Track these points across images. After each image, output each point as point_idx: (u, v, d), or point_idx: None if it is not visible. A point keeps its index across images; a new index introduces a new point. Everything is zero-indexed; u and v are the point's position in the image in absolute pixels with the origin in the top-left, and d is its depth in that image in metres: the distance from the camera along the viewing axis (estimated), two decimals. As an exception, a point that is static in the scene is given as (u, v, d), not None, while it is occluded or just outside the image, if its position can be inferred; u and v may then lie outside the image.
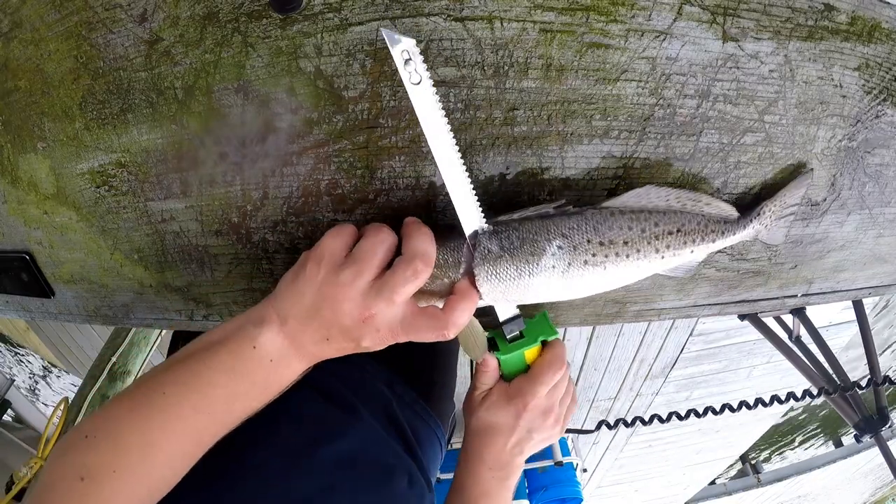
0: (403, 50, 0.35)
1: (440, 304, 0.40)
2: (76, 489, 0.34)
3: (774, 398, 0.92)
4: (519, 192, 0.43)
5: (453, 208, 0.40)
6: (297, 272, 0.39)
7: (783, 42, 0.41)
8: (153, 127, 0.43)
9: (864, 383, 1.06)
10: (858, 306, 1.75)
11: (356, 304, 0.38)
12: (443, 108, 0.38)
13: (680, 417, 0.72)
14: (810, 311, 1.78)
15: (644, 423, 0.70)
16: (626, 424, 0.70)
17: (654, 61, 0.40)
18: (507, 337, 0.47)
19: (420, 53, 0.36)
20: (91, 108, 0.44)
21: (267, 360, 0.39)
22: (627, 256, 0.41)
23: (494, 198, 0.43)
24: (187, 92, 0.42)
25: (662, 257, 0.42)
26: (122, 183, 0.47)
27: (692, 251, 0.43)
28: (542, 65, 0.39)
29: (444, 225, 0.42)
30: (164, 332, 2.07)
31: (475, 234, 0.41)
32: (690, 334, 2.98)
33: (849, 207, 0.51)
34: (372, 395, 0.59)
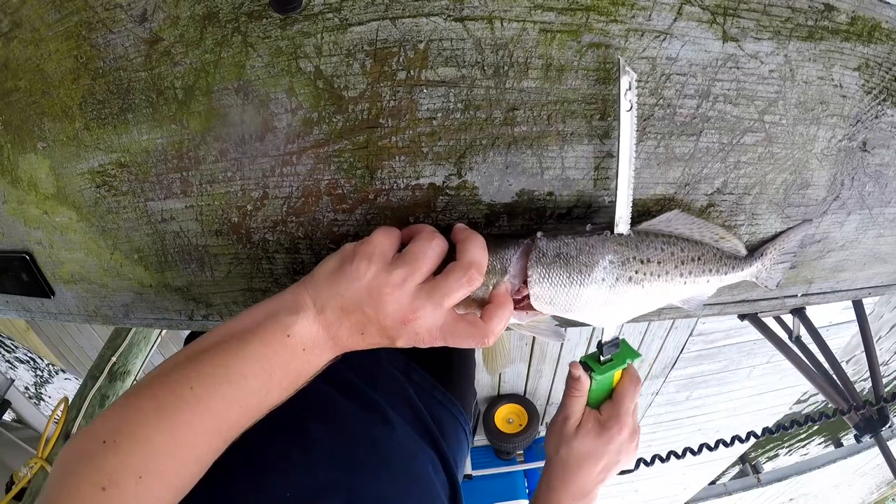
0: (630, 80, 0.38)
1: (478, 313, 0.40)
2: (98, 501, 0.31)
3: (794, 422, 0.92)
4: (519, 192, 0.43)
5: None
6: (343, 264, 0.38)
7: (783, 42, 0.41)
8: (153, 127, 0.43)
9: (871, 402, 1.07)
10: (858, 306, 1.75)
11: (402, 305, 0.37)
12: (637, 134, 0.40)
13: (710, 448, 0.72)
14: (810, 311, 1.78)
15: (678, 456, 0.71)
16: (662, 460, 0.70)
17: (654, 61, 0.40)
18: (602, 359, 0.49)
19: (637, 86, 0.39)
20: (91, 108, 0.44)
21: (300, 349, 0.38)
22: (658, 277, 0.42)
23: (494, 197, 0.43)
24: (187, 92, 0.42)
25: (685, 283, 0.44)
26: (122, 183, 0.47)
27: (708, 280, 0.45)
28: (542, 65, 0.39)
29: (489, 235, 0.42)
30: (164, 332, 2.07)
31: (535, 237, 0.41)
32: (690, 334, 2.97)
33: (849, 207, 0.51)
34: (389, 385, 0.59)
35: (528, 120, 0.41)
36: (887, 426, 1.61)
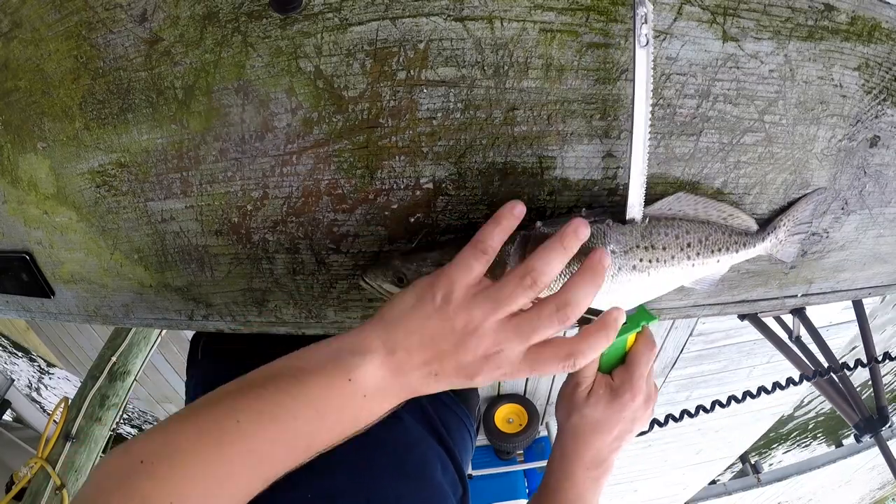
0: (645, 12, 0.36)
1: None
2: None
3: (776, 384, 0.92)
4: (519, 193, 0.43)
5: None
6: (420, 300, 0.36)
7: (783, 42, 0.41)
8: (153, 127, 0.43)
9: (863, 362, 1.06)
10: (858, 306, 1.75)
11: (486, 339, 0.35)
12: (653, 73, 0.38)
13: (690, 415, 0.72)
14: (810, 311, 1.78)
15: (660, 425, 0.71)
16: (661, 424, 0.70)
17: (654, 61, 0.40)
18: None
19: (653, 19, 0.37)
20: (91, 108, 0.44)
21: (360, 395, 0.35)
22: (665, 262, 0.42)
23: (495, 197, 0.43)
24: (187, 92, 0.42)
25: (693, 265, 0.43)
26: (122, 183, 0.47)
27: (718, 260, 0.44)
28: (542, 65, 0.39)
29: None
30: (164, 332, 2.07)
31: (530, 231, 0.40)
32: (690, 334, 2.97)
33: (849, 207, 0.51)
34: None
35: (528, 120, 0.41)
36: (887, 426, 1.61)
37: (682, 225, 0.42)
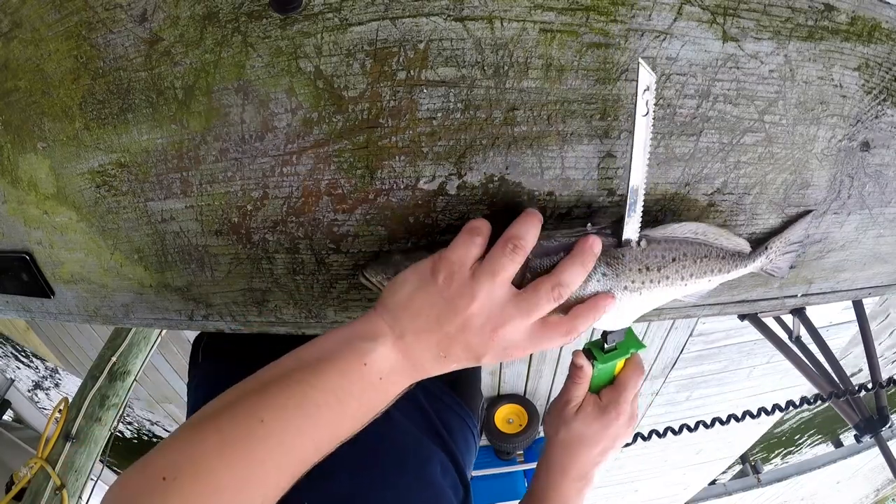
0: (649, 82, 0.37)
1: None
2: None
3: (777, 406, 0.92)
4: (519, 193, 0.43)
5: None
6: (422, 283, 0.37)
7: (783, 42, 0.41)
8: (153, 127, 0.43)
9: (867, 386, 1.06)
10: (858, 306, 1.75)
11: (490, 318, 0.36)
12: (651, 140, 0.39)
13: (707, 426, 0.73)
14: (810, 311, 1.78)
15: (660, 435, 0.72)
16: (660, 435, 0.71)
17: (654, 61, 0.40)
18: (606, 347, 0.49)
19: (655, 90, 0.37)
20: (91, 108, 0.44)
21: (376, 378, 0.36)
22: (659, 283, 0.43)
23: (495, 197, 0.43)
24: (187, 92, 0.42)
25: (686, 284, 0.44)
26: (122, 183, 0.47)
27: (710, 280, 0.45)
28: (542, 65, 0.39)
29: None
30: (164, 332, 2.07)
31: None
32: (690, 334, 2.98)
33: (849, 207, 0.51)
34: None
35: (528, 120, 0.41)
36: (887, 426, 1.61)
37: (680, 247, 0.43)
